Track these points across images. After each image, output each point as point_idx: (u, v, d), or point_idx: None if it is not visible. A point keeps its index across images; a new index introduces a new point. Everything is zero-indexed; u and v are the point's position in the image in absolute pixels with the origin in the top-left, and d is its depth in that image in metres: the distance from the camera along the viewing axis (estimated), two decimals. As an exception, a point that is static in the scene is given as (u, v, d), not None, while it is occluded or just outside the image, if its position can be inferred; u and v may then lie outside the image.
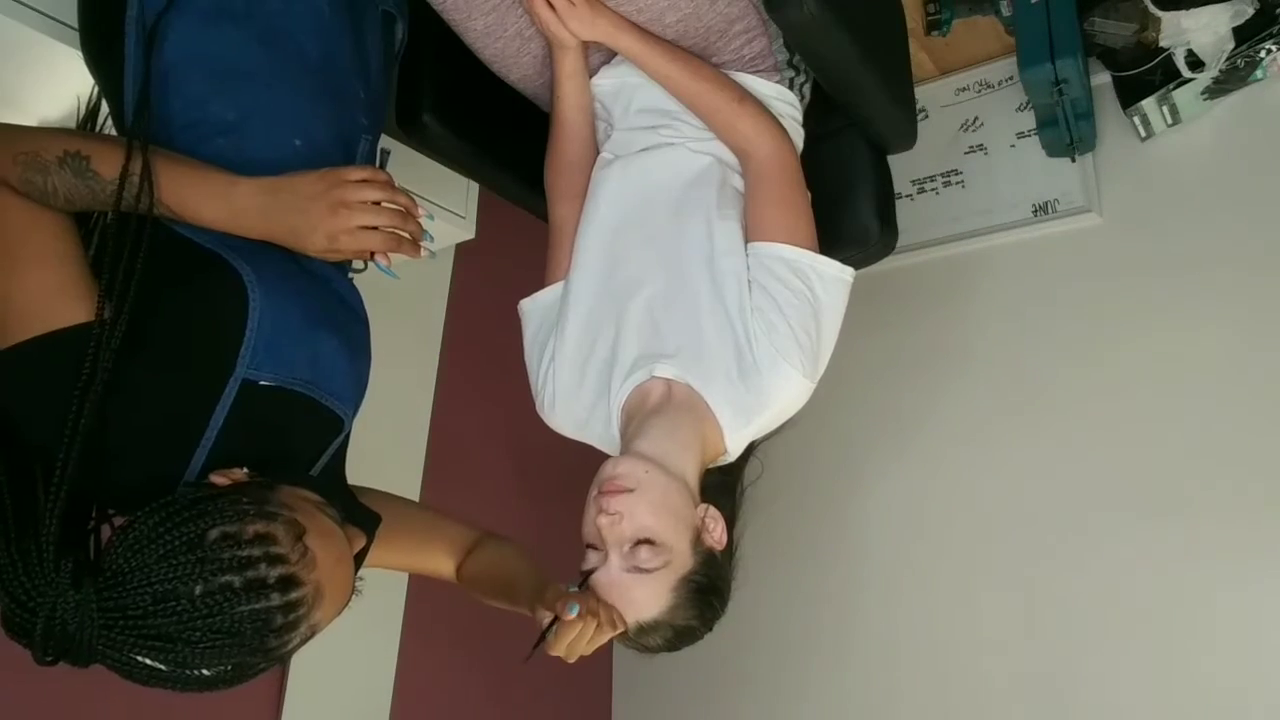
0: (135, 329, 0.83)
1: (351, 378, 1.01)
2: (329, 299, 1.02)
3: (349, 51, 1.12)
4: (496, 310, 1.61)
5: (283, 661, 0.81)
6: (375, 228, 0.94)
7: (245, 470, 0.84)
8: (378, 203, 0.94)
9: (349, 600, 0.87)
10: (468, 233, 1.79)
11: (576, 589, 1.01)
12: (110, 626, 0.73)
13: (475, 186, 1.80)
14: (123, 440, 0.83)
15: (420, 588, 1.97)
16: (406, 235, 0.97)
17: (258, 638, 0.76)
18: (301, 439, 0.97)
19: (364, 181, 0.94)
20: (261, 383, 0.89)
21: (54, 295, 0.81)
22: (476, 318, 2.21)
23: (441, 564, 1.20)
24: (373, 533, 0.97)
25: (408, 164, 1.53)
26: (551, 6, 1.15)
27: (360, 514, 0.96)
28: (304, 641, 0.81)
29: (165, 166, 0.88)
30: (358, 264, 1.10)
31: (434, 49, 1.38)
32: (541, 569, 1.16)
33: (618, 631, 0.99)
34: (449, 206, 1.73)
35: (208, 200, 0.89)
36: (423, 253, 0.99)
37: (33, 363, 0.81)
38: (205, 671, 0.76)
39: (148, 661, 0.74)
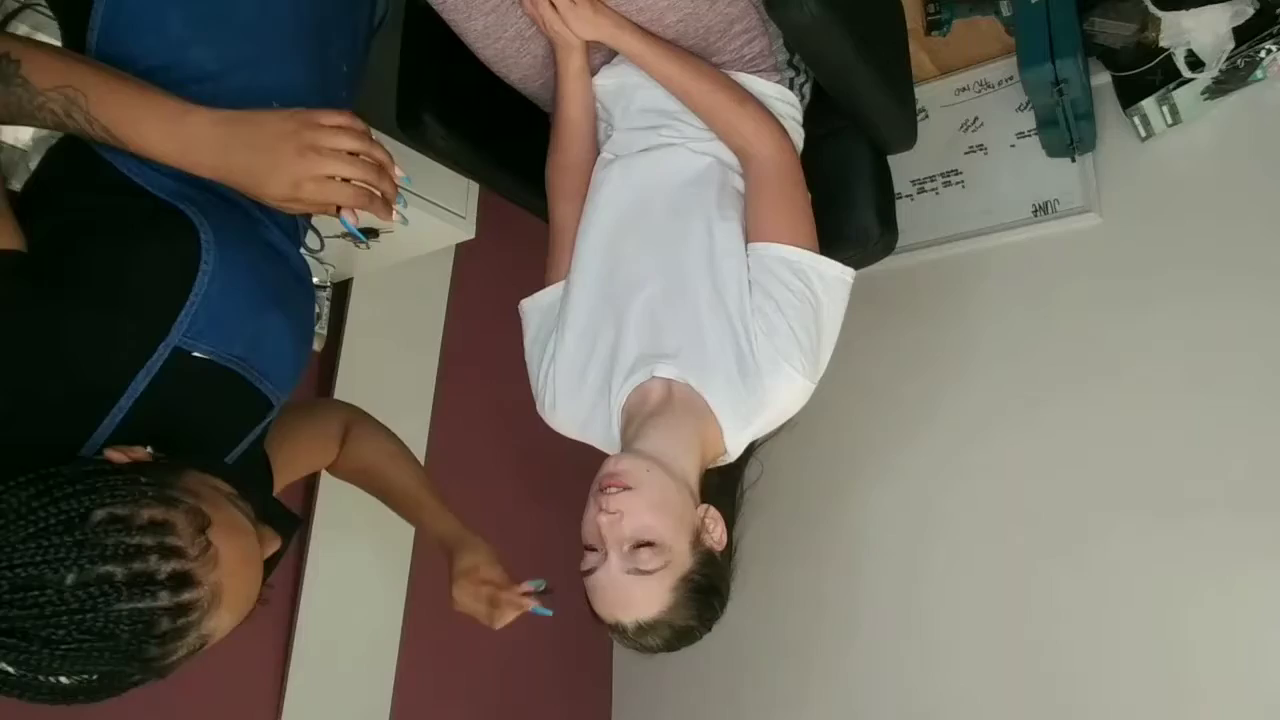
0: (57, 265, 0.74)
1: (291, 361, 0.93)
2: (284, 274, 0.94)
3: (339, 20, 1.06)
4: (496, 310, 1.60)
5: (161, 675, 0.69)
6: (346, 181, 0.83)
7: (149, 450, 0.74)
8: (353, 154, 0.83)
9: (250, 610, 0.75)
10: (468, 233, 1.79)
11: (543, 589, 1.13)
12: None
13: (475, 186, 1.80)
14: (19, 392, 0.73)
15: (420, 588, 1.97)
16: (378, 194, 0.85)
17: (135, 643, 0.64)
18: (223, 418, 0.88)
19: (339, 128, 0.83)
20: (194, 354, 0.80)
21: None
22: (476, 318, 2.21)
23: (320, 462, 1.17)
24: (290, 536, 0.89)
25: (408, 164, 1.52)
26: (553, 6, 1.15)
27: (278, 513, 0.88)
28: (190, 654, 0.69)
29: (108, 82, 0.78)
30: (312, 242, 1.04)
31: (434, 49, 1.37)
32: (425, 475, 1.21)
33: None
34: (449, 206, 1.73)
35: (155, 125, 0.78)
36: (394, 216, 0.88)
37: None
38: (64, 679, 0.64)
39: None
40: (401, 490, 1.22)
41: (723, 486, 1.15)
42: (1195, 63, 1.94)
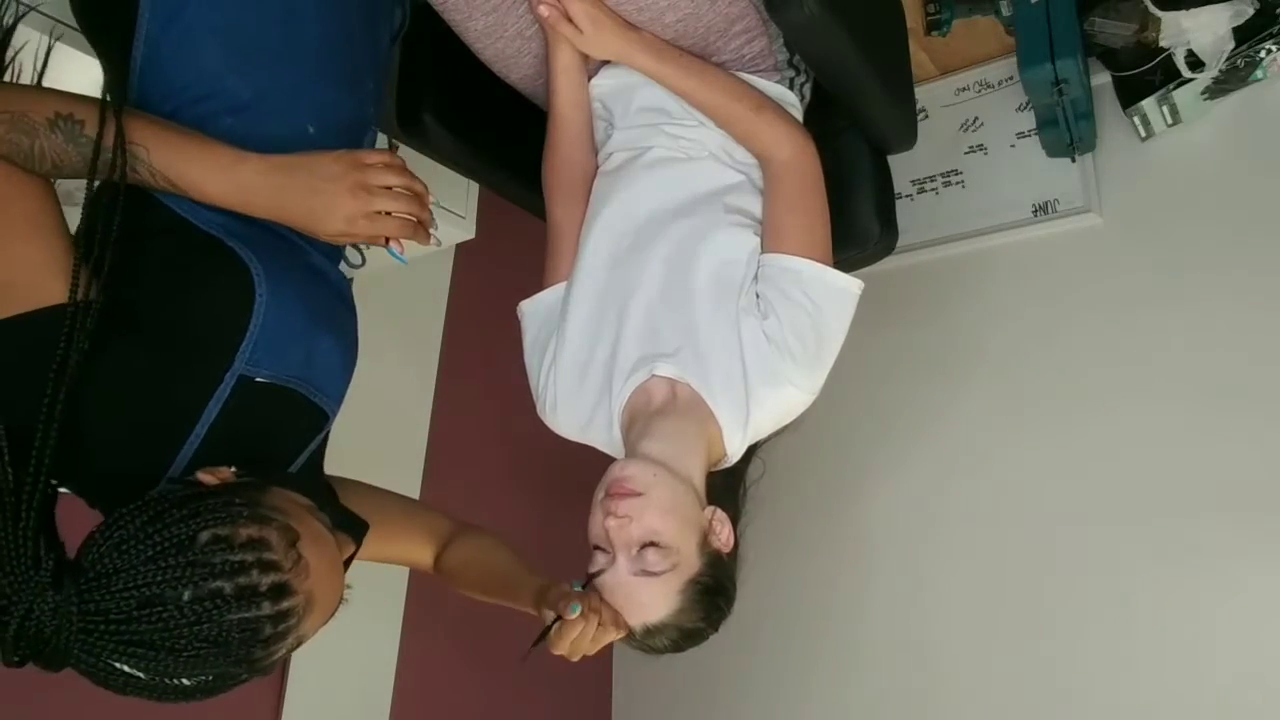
0: (129, 310, 0.79)
1: (342, 374, 0.99)
2: (328, 294, 1.00)
3: (365, 40, 1.09)
4: (496, 310, 1.60)
5: (265, 673, 0.77)
6: (389, 213, 0.92)
7: (233, 469, 0.80)
8: (390, 187, 0.92)
9: (336, 609, 0.84)
10: (468, 233, 1.79)
11: (580, 588, 1.00)
12: (90, 631, 0.69)
13: (475, 186, 1.80)
14: (106, 428, 0.80)
15: (420, 588, 1.97)
16: (420, 222, 0.96)
17: (244, 648, 0.72)
18: (287, 435, 0.94)
19: (383, 165, 0.92)
20: (257, 379, 0.86)
21: (37, 270, 0.77)
22: (476, 318, 2.21)
23: (419, 554, 1.18)
24: (360, 539, 0.95)
25: (408, 164, 1.52)
26: (571, 22, 1.15)
27: (347, 519, 0.94)
28: (289, 652, 0.78)
29: (165, 134, 0.84)
30: (354, 259, 1.09)
31: (434, 49, 1.37)
32: (526, 560, 1.17)
33: (620, 634, 0.99)
34: (449, 206, 1.73)
35: (212, 173, 0.85)
36: (431, 240, 0.98)
37: (12, 343, 0.76)
38: (185, 681, 0.72)
39: (126, 669, 0.70)
40: (516, 566, 1.19)
41: (726, 486, 1.15)
42: (1195, 63, 1.94)
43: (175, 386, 0.83)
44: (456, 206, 1.76)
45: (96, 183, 0.81)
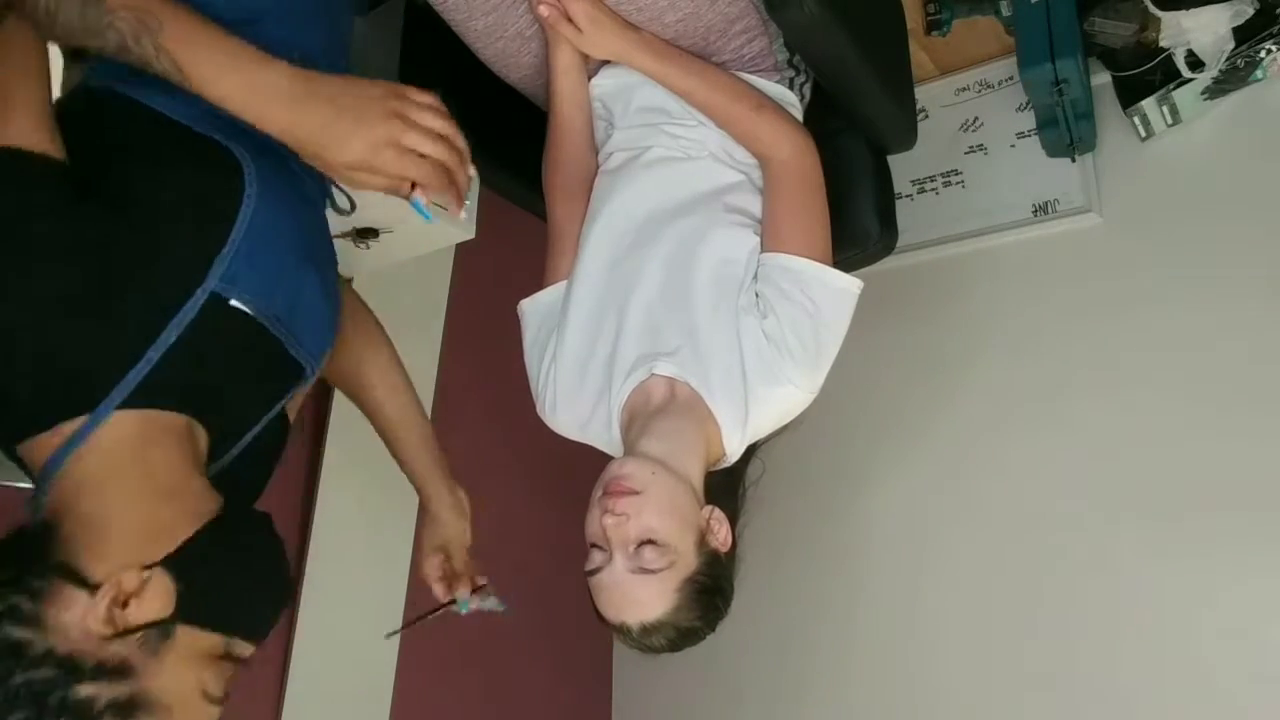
0: (96, 184, 0.69)
1: (327, 324, 0.87)
2: (318, 229, 0.88)
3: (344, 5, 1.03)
4: (496, 310, 1.60)
5: None
6: (423, 156, 0.78)
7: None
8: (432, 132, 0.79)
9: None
10: (468, 233, 1.79)
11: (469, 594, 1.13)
12: None
13: (475, 186, 1.80)
14: (40, 322, 0.67)
15: (420, 588, 1.97)
16: (455, 180, 0.81)
17: None
18: (254, 385, 0.82)
19: (427, 106, 0.78)
20: (231, 301, 0.74)
21: (13, 105, 0.68)
22: (476, 318, 2.21)
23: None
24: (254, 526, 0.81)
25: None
26: (572, 22, 1.15)
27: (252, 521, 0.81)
28: None
29: (188, 17, 0.72)
30: (341, 202, 0.99)
31: (434, 49, 1.37)
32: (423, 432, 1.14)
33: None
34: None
35: (229, 68, 0.72)
36: (460, 211, 0.83)
37: None
38: None
39: None
40: (387, 419, 1.12)
41: (725, 486, 1.15)
42: (1195, 63, 1.94)
43: (135, 289, 0.70)
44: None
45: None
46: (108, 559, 0.66)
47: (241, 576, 0.74)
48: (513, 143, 1.44)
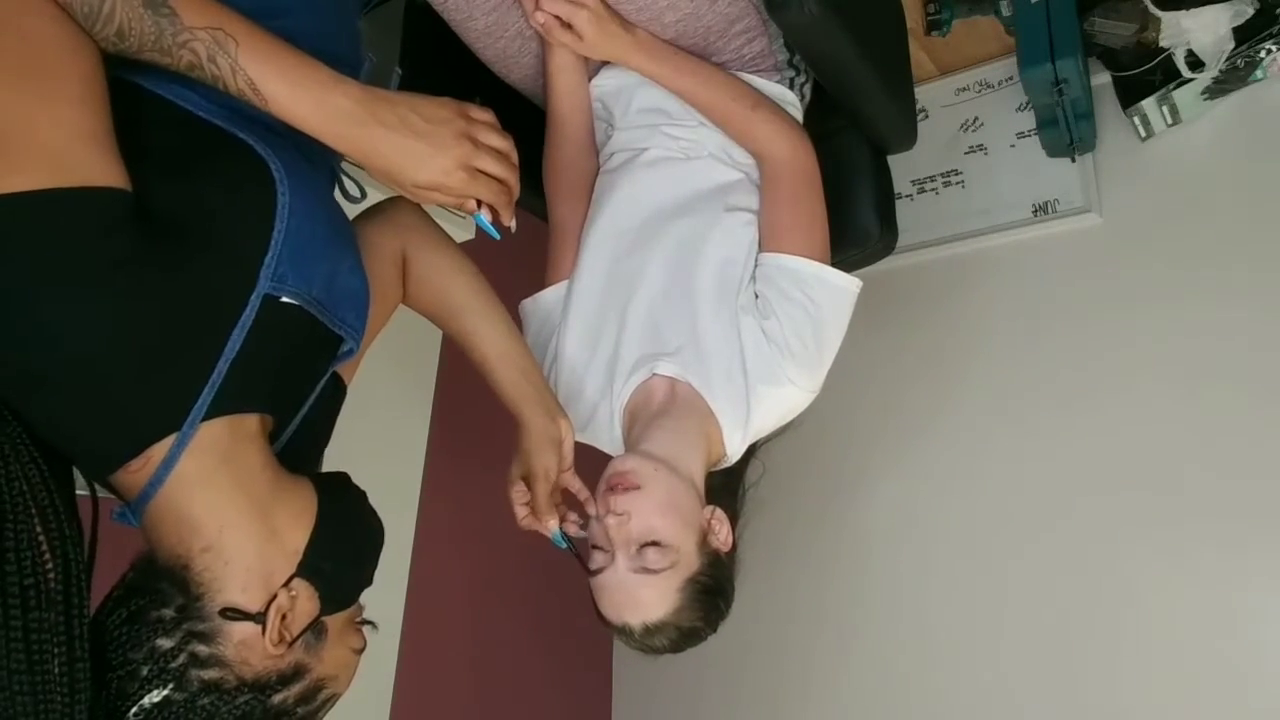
0: (153, 217, 0.67)
1: (363, 299, 0.88)
2: (336, 207, 0.89)
3: (353, 6, 1.02)
4: (497, 310, 1.60)
5: None
6: (489, 176, 0.82)
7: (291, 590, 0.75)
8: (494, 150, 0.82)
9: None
10: (468, 233, 1.79)
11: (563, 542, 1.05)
12: None
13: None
14: (121, 356, 0.68)
15: (420, 588, 1.97)
16: (513, 194, 0.85)
17: None
18: (304, 371, 0.84)
19: (491, 124, 0.82)
20: (282, 298, 0.75)
21: (83, 142, 0.64)
22: (476, 318, 2.20)
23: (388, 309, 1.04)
24: (333, 497, 0.84)
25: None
26: (568, 27, 1.15)
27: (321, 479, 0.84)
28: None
29: (262, 36, 0.73)
30: (352, 190, 0.99)
31: (434, 49, 1.37)
32: (488, 298, 1.06)
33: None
34: (449, 206, 1.73)
35: (305, 89, 0.73)
36: (512, 224, 0.87)
37: (48, 220, 0.62)
38: None
39: None
40: (481, 353, 1.06)
41: (725, 486, 1.15)
42: (1195, 63, 1.93)
43: (199, 308, 0.71)
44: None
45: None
46: (250, 587, 0.72)
47: (354, 550, 0.82)
48: (513, 143, 1.44)
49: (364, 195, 0.98)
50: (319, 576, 0.76)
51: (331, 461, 1.01)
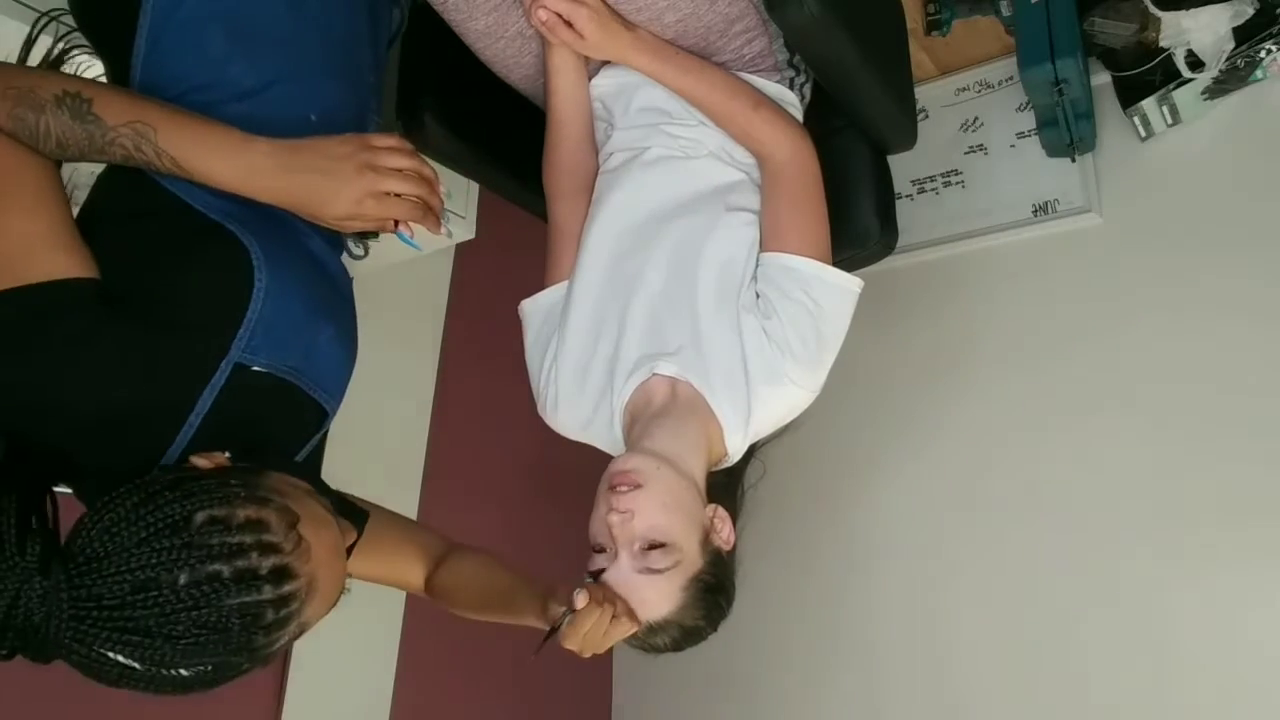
0: (124, 293, 0.77)
1: (342, 370, 0.97)
2: (326, 284, 0.98)
3: (367, 31, 1.09)
4: (496, 310, 1.60)
5: (266, 663, 0.75)
6: (399, 196, 0.91)
7: (227, 455, 0.79)
8: (400, 170, 0.91)
9: (339, 597, 0.80)
10: (468, 233, 1.79)
11: (590, 581, 0.99)
12: (81, 618, 0.66)
13: (475, 186, 1.80)
14: (99, 414, 0.78)
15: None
16: (430, 207, 0.94)
17: (245, 634, 0.70)
18: (283, 428, 0.92)
19: (392, 148, 0.91)
20: (254, 368, 0.84)
21: (35, 246, 0.75)
22: (476, 318, 2.21)
23: (411, 573, 1.14)
24: (362, 527, 0.94)
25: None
26: (569, 25, 1.15)
27: (348, 507, 0.92)
28: (291, 640, 0.76)
29: (172, 115, 0.83)
30: (356, 249, 1.09)
31: (434, 49, 1.37)
32: (524, 575, 1.12)
33: (634, 628, 0.97)
34: (449, 206, 1.73)
35: (219, 155, 0.83)
36: (442, 229, 0.96)
37: (4, 318, 0.73)
38: (183, 671, 0.69)
39: (120, 658, 0.67)
40: (516, 581, 1.14)
41: (726, 486, 1.15)
42: (1195, 63, 1.94)
43: (172, 373, 0.80)
44: (456, 206, 1.76)
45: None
46: None
47: None
48: (513, 143, 1.44)
49: (366, 254, 1.08)
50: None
51: (333, 453, 1.03)
